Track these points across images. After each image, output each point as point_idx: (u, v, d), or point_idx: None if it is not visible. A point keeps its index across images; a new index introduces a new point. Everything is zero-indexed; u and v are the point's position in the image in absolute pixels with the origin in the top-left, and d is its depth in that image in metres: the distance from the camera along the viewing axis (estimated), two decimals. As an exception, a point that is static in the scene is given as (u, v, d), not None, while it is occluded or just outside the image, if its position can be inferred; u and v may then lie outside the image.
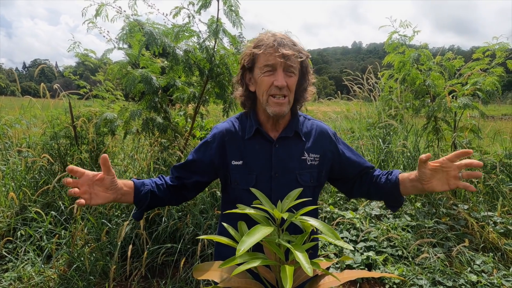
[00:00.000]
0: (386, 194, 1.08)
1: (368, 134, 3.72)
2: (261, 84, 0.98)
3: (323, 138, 1.11)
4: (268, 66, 0.95)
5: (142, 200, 1.00)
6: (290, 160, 1.04)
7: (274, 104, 0.96)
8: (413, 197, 3.01)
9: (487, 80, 3.11)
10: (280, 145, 1.05)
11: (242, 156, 1.03)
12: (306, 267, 0.52)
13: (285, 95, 0.97)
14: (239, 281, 0.66)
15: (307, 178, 1.04)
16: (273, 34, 0.99)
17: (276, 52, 0.93)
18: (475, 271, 2.18)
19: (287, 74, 0.96)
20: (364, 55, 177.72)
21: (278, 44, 0.94)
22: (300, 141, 1.07)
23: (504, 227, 2.52)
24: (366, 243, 2.52)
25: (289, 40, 0.98)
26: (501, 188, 2.81)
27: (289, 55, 0.93)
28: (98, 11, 2.11)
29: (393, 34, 3.32)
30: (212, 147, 1.06)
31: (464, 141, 3.37)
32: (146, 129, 2.74)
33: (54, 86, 3.35)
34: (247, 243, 0.54)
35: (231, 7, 2.36)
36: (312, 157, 1.07)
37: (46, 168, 2.90)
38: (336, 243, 0.60)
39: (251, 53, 0.99)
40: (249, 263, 0.55)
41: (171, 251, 2.37)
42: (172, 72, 2.63)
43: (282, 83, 0.94)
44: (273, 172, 1.02)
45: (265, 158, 1.03)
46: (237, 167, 1.02)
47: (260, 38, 0.99)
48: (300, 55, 0.97)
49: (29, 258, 2.28)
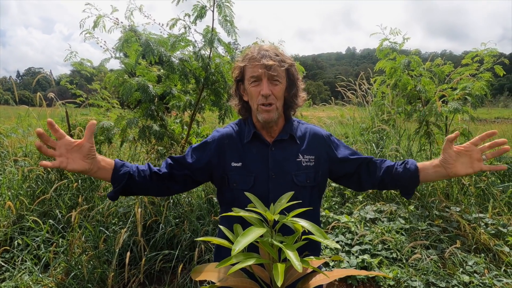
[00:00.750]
0: (403, 183, 1.11)
1: (362, 139, 3.78)
2: (250, 95, 1.05)
3: (317, 140, 1.17)
4: (253, 77, 1.02)
5: (118, 180, 1.01)
6: (286, 162, 1.10)
7: (263, 112, 1.03)
8: (406, 200, 3.06)
9: (476, 85, 3.20)
10: (276, 148, 1.10)
11: (241, 158, 1.08)
12: (296, 264, 0.56)
13: (271, 103, 1.02)
14: (235, 281, 0.70)
15: (303, 178, 1.09)
16: (259, 47, 1.06)
17: (259, 63, 1.00)
18: (468, 272, 2.23)
19: (273, 83, 1.02)
20: (358, 61, 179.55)
21: (261, 56, 1.01)
22: (295, 143, 1.13)
23: (495, 228, 2.58)
24: (361, 246, 2.55)
25: (273, 51, 1.04)
26: (492, 190, 2.87)
27: (270, 65, 0.99)
28: (96, 23, 2.16)
29: (384, 41, 3.41)
30: (211, 148, 1.11)
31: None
32: (143, 137, 2.77)
33: (49, 95, 3.38)
34: (242, 243, 0.58)
35: (226, 17, 2.42)
36: (307, 159, 1.12)
37: (43, 177, 2.91)
38: (324, 242, 0.64)
39: (239, 67, 1.07)
40: (243, 262, 0.59)
41: (168, 257, 2.39)
42: (168, 81, 2.68)
43: (267, 92, 1.00)
44: (270, 173, 1.07)
45: (263, 160, 1.09)
46: (236, 169, 1.08)
47: (247, 52, 1.07)
48: (282, 64, 1.03)
49: (27, 267, 2.28)
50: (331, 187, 3.40)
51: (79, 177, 2.86)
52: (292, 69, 1.08)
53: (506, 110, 51.48)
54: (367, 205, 3.05)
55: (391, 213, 2.91)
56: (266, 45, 1.08)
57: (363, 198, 3.20)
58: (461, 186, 3.06)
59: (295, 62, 1.11)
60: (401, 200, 3.05)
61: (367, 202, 3.13)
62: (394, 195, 3.10)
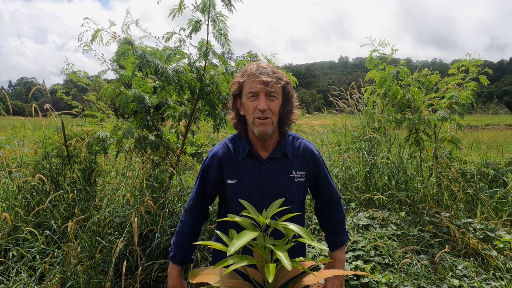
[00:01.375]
0: (327, 237, 1.32)
1: (354, 147, 3.86)
2: (247, 109, 1.10)
3: (308, 157, 1.23)
4: (251, 92, 1.08)
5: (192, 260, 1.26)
6: (279, 178, 1.15)
7: (259, 125, 1.08)
8: (397, 206, 3.13)
9: (462, 94, 3.32)
10: (270, 165, 1.16)
11: (236, 175, 1.14)
12: (286, 263, 0.61)
13: (267, 117, 1.08)
14: (230, 282, 0.74)
15: (295, 194, 1.15)
16: (257, 64, 1.12)
17: (257, 79, 1.06)
18: (457, 276, 2.29)
19: (269, 99, 1.09)
20: (351, 69, 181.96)
21: (260, 72, 1.07)
22: (288, 160, 1.19)
23: (483, 232, 2.65)
24: (354, 252, 2.60)
25: (270, 69, 1.11)
26: (480, 195, 2.96)
27: (268, 81, 1.06)
28: (93, 36, 2.23)
29: (373, 52, 3.53)
30: (213, 169, 1.17)
31: (444, 152, 3.54)
32: (138, 147, 2.81)
33: (45, 106, 3.41)
34: (236, 245, 0.63)
35: (220, 31, 2.50)
36: (299, 175, 1.18)
37: (39, 188, 2.92)
38: (312, 243, 0.69)
39: (238, 82, 1.13)
40: (238, 263, 0.64)
41: (164, 266, 2.41)
42: (164, 92, 2.74)
43: (264, 107, 1.06)
44: (264, 189, 1.12)
45: (257, 177, 1.14)
46: (231, 186, 1.13)
47: (245, 69, 1.13)
48: (279, 81, 1.10)
49: (21, 279, 2.28)
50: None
51: (74, 188, 2.88)
52: (288, 87, 1.15)
53: (496, 117, 52.46)
54: (360, 212, 3.11)
55: (383, 219, 2.97)
56: (264, 63, 1.15)
57: (356, 205, 3.26)
58: (451, 192, 3.14)
59: (290, 81, 1.17)
60: (392, 207, 3.12)
61: (360, 209, 3.19)
62: (386, 201, 3.17)
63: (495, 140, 6.32)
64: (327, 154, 4.12)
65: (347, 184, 3.56)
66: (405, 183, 3.37)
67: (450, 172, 3.11)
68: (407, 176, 3.43)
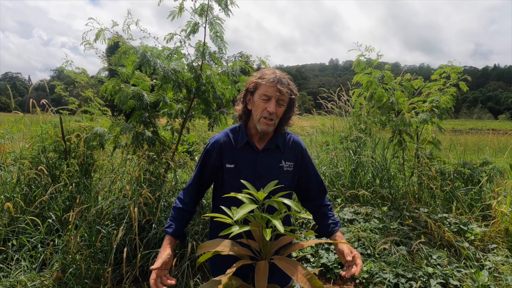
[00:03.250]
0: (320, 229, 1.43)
1: (341, 147, 4.06)
2: (257, 107, 1.27)
3: (296, 149, 1.41)
4: (266, 95, 1.25)
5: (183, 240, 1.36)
6: (271, 166, 1.33)
7: (263, 124, 1.26)
8: (380, 202, 3.33)
9: (442, 98, 3.55)
10: (264, 154, 1.33)
11: (234, 161, 1.30)
12: (279, 227, 0.77)
13: (272, 119, 1.26)
14: (233, 249, 0.89)
15: (283, 181, 1.32)
16: (274, 71, 1.29)
17: (274, 86, 1.23)
18: (432, 264, 2.50)
19: (278, 104, 1.26)
20: (341, 72, 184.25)
21: (278, 81, 1.24)
22: (279, 151, 1.37)
23: (457, 226, 2.87)
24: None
25: (286, 79, 1.28)
26: (456, 193, 3.19)
27: (283, 91, 1.23)
28: (97, 35, 2.34)
29: (360, 57, 3.74)
30: (213, 154, 1.33)
31: (425, 152, 3.77)
32: (136, 142, 2.93)
33: (42, 102, 3.48)
34: (240, 213, 0.78)
35: (216, 33, 2.65)
36: (288, 164, 1.36)
37: (37, 180, 3.00)
38: (300, 215, 0.85)
39: (255, 82, 1.29)
40: (242, 228, 0.80)
41: (160, 255, 2.53)
42: (161, 90, 2.86)
43: (273, 111, 1.24)
44: (257, 175, 1.29)
45: (252, 164, 1.31)
46: (229, 170, 1.29)
47: (264, 72, 1.30)
48: (291, 92, 1.28)
49: (22, 267, 2.37)
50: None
51: (73, 181, 2.97)
52: (294, 99, 1.34)
53: (480, 121, 53.68)
54: (345, 207, 3.31)
55: (367, 214, 3.17)
56: (280, 71, 1.32)
57: (341, 201, 3.46)
58: (429, 189, 3.37)
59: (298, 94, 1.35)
60: (375, 202, 3.32)
61: (345, 205, 3.38)
62: (370, 197, 3.37)
63: (476, 144, 6.67)
64: (315, 153, 4.31)
65: (334, 181, 3.75)
66: (388, 181, 3.59)
67: (430, 171, 3.34)
68: (390, 174, 3.64)
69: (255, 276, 0.81)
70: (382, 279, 2.38)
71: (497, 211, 2.82)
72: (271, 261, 0.89)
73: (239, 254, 0.89)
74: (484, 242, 2.76)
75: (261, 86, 1.27)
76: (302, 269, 0.80)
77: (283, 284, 1.22)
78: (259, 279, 0.79)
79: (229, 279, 0.83)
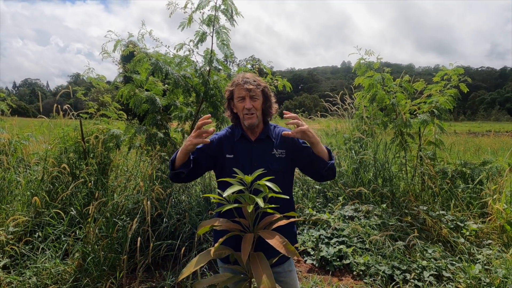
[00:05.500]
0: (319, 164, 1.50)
1: (345, 147, 4.20)
2: (238, 108, 1.50)
3: (286, 138, 1.58)
4: (240, 97, 1.49)
5: (188, 163, 1.46)
6: (264, 154, 1.53)
7: (247, 119, 1.47)
8: (379, 199, 3.46)
9: (441, 99, 3.66)
10: (257, 145, 1.54)
11: (233, 152, 1.51)
12: (261, 204, 0.96)
13: (253, 113, 1.47)
14: (226, 225, 1.09)
15: (276, 166, 1.52)
16: (243, 75, 1.52)
17: (243, 87, 1.46)
18: (427, 258, 2.62)
19: (252, 99, 1.48)
20: (354, 74, 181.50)
21: (244, 82, 1.47)
22: (270, 141, 1.57)
23: (454, 223, 2.97)
24: (339, 238, 2.93)
25: (252, 78, 1.50)
26: (454, 191, 3.29)
27: (251, 88, 1.46)
28: (115, 46, 2.60)
29: (360, 60, 3.89)
30: (214, 143, 1.54)
31: (428, 153, 3.87)
32: (149, 143, 3.17)
33: (64, 107, 3.78)
34: (230, 191, 0.98)
35: (223, 41, 2.87)
36: (279, 152, 1.56)
37: (60, 178, 3.28)
38: (280, 196, 1.04)
39: (229, 90, 1.53)
40: (232, 205, 0.99)
41: (171, 247, 2.75)
42: (172, 94, 3.10)
43: (249, 106, 1.46)
44: (252, 162, 1.49)
45: (248, 153, 1.52)
46: (229, 159, 1.51)
47: (233, 80, 1.53)
48: (258, 87, 1.49)
49: (46, 256, 2.63)
50: (315, 189, 3.80)
51: (91, 179, 3.24)
52: (265, 89, 1.55)
53: (497, 123, 51.95)
54: (346, 204, 3.45)
55: (368, 212, 3.30)
56: (248, 73, 1.55)
57: (343, 198, 3.60)
58: (430, 188, 3.47)
59: (267, 84, 1.55)
60: (375, 200, 3.45)
61: (346, 202, 3.52)
62: (370, 195, 3.50)
63: (492, 146, 6.62)
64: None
65: (336, 180, 3.90)
66: (390, 180, 3.71)
67: (431, 171, 3.44)
68: (391, 173, 3.76)
69: (241, 245, 0.99)
70: (378, 271, 2.51)
71: (493, 209, 2.91)
72: (257, 233, 1.07)
73: (230, 228, 1.08)
74: (479, 238, 2.85)
75: (234, 91, 1.50)
76: (279, 238, 0.99)
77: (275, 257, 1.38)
78: (244, 247, 0.97)
79: (221, 248, 1.02)
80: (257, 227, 1.11)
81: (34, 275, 2.48)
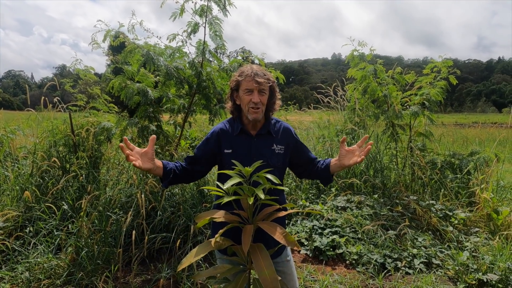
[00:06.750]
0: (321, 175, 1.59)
1: (337, 139, 4.24)
2: (244, 100, 1.46)
3: (287, 134, 1.60)
4: (248, 89, 1.45)
5: (167, 175, 1.44)
6: (264, 149, 1.52)
7: (252, 112, 1.45)
8: (371, 190, 3.52)
9: (432, 91, 3.71)
10: (258, 139, 1.53)
11: (231, 146, 1.50)
12: (261, 196, 0.96)
13: (259, 107, 1.45)
14: (225, 217, 1.09)
15: (274, 161, 1.52)
16: (251, 67, 1.49)
17: (253, 80, 1.42)
18: (417, 246, 2.69)
19: (260, 94, 1.46)
20: (344, 66, 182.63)
21: (255, 74, 1.43)
22: (271, 136, 1.56)
23: (443, 212, 3.05)
24: (332, 229, 2.98)
25: (261, 71, 1.47)
26: (443, 181, 3.36)
27: (261, 82, 1.42)
28: (105, 36, 2.53)
29: (353, 51, 3.90)
30: (211, 142, 1.53)
31: (418, 144, 3.94)
32: (141, 136, 3.12)
33: (54, 100, 3.69)
34: (230, 183, 0.98)
35: (215, 32, 2.83)
36: (279, 148, 1.55)
37: (50, 172, 3.22)
38: (278, 187, 1.04)
39: (236, 80, 1.49)
40: (232, 197, 0.99)
41: (165, 239, 2.75)
42: (164, 86, 3.05)
43: (257, 100, 1.43)
44: (252, 157, 1.48)
45: (247, 148, 1.51)
46: (228, 154, 1.49)
47: (242, 70, 1.49)
48: (268, 81, 1.47)
49: (38, 251, 2.59)
50: (308, 181, 3.84)
51: (82, 172, 3.19)
52: (273, 85, 1.54)
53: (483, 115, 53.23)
54: (339, 195, 3.50)
55: (360, 202, 3.36)
56: (256, 65, 1.52)
57: (336, 190, 3.65)
58: (420, 179, 3.55)
59: (275, 81, 1.54)
60: (367, 191, 3.51)
61: (337, 193, 3.57)
62: (362, 186, 3.56)
63: (478, 137, 6.80)
64: (312, 145, 4.49)
65: (329, 172, 3.94)
66: (381, 171, 3.77)
67: (420, 162, 3.51)
68: (383, 165, 3.82)
69: (242, 236, 1.00)
70: (370, 259, 2.57)
71: (481, 198, 3.00)
72: (257, 224, 1.08)
73: (229, 220, 1.08)
74: (467, 226, 2.94)
75: (242, 82, 1.46)
76: (280, 229, 1.00)
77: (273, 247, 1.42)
78: (245, 238, 0.98)
79: (221, 240, 1.02)
80: (256, 218, 1.12)
81: (27, 270, 2.45)
